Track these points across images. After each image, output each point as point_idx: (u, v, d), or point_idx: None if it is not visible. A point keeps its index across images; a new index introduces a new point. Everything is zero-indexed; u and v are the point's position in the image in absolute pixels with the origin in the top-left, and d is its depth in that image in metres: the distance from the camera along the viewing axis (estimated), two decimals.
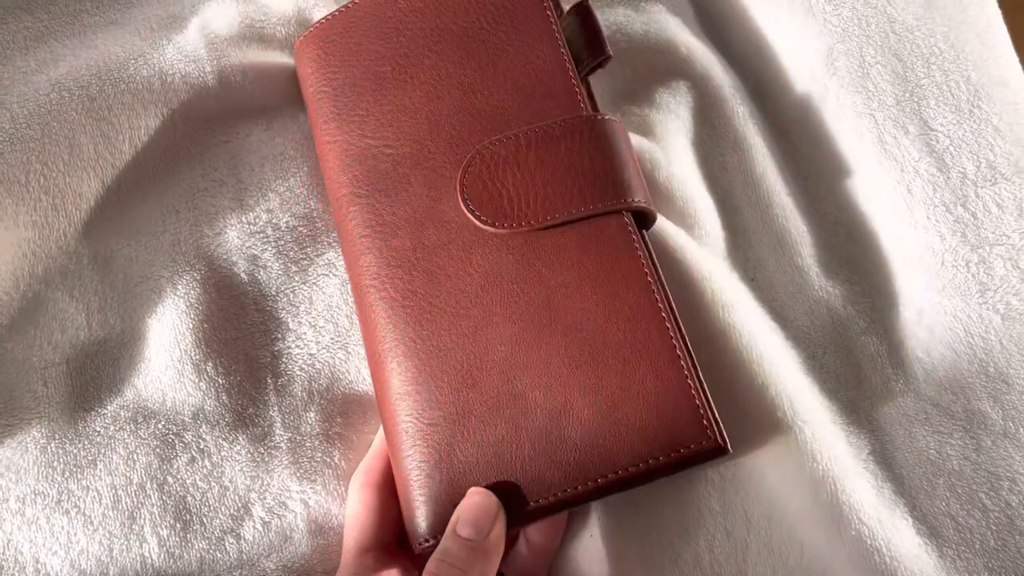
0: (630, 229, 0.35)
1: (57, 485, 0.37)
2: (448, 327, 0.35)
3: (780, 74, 0.49)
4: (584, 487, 0.32)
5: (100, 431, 0.38)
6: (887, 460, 0.39)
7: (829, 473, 0.36)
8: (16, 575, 0.36)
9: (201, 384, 0.38)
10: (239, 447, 0.38)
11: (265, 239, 0.42)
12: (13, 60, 0.44)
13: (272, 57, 0.46)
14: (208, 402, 0.38)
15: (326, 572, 0.37)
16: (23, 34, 0.45)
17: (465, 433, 0.34)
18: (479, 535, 0.31)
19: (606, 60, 0.40)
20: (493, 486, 0.33)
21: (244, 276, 0.41)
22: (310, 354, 0.40)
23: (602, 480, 0.32)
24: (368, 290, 0.37)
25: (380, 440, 0.37)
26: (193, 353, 0.39)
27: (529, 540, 0.36)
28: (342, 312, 0.41)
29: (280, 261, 0.42)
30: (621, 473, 0.32)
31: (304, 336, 0.41)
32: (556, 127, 0.37)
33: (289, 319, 0.41)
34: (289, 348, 0.40)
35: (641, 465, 0.32)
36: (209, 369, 0.39)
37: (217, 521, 0.37)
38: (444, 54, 0.39)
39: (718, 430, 0.32)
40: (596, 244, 0.35)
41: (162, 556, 0.36)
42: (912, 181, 0.43)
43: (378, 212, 0.38)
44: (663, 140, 0.45)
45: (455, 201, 0.37)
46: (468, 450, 0.33)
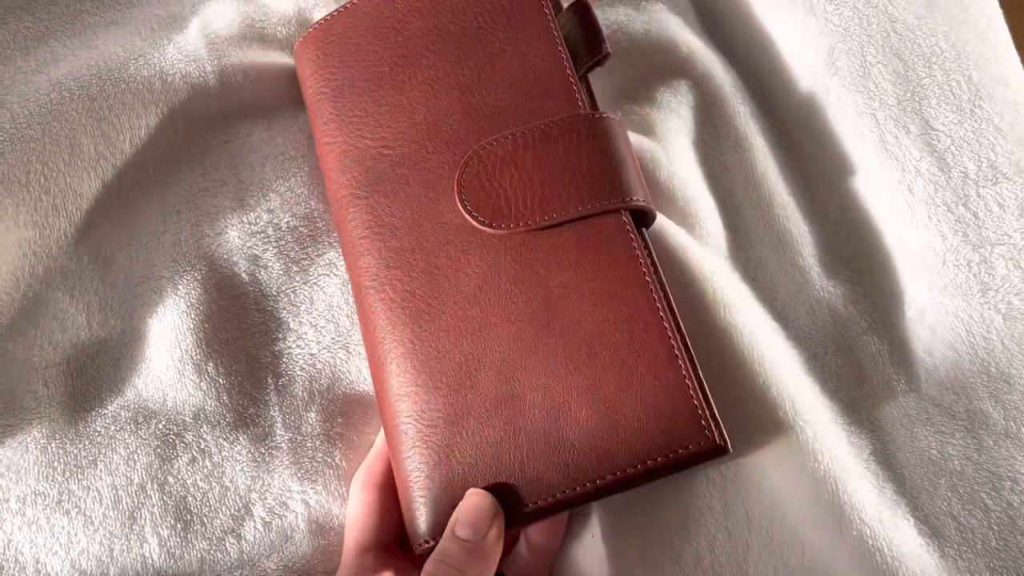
0: (628, 228, 0.35)
1: (58, 485, 0.37)
2: (447, 328, 0.35)
3: (781, 73, 0.49)
4: (583, 488, 0.32)
5: (101, 431, 0.38)
6: (888, 460, 0.39)
7: (830, 473, 0.36)
8: (16, 575, 0.36)
9: (202, 384, 0.38)
10: (240, 447, 0.38)
11: (266, 239, 0.42)
12: (14, 60, 0.44)
13: (273, 57, 0.46)
14: (209, 402, 0.38)
15: (327, 572, 0.37)
16: (24, 34, 0.45)
17: (464, 434, 0.34)
18: (476, 536, 0.31)
19: (605, 58, 0.40)
20: (492, 487, 0.33)
21: (245, 276, 0.41)
22: (311, 354, 0.40)
23: (600, 481, 0.32)
24: (367, 291, 0.37)
25: (381, 440, 0.37)
26: (194, 353, 0.39)
27: (529, 541, 0.36)
28: (343, 312, 0.41)
29: (281, 261, 0.42)
30: (619, 474, 0.32)
31: (305, 336, 0.40)
32: (553, 126, 0.36)
33: (290, 319, 0.41)
34: (290, 348, 0.40)
35: (639, 466, 0.32)
36: (210, 369, 0.39)
37: (218, 521, 0.37)
38: (442, 54, 0.39)
39: (717, 430, 0.32)
40: (594, 244, 0.35)
41: (163, 556, 0.36)
42: (913, 180, 0.43)
43: (377, 213, 0.38)
44: (664, 139, 0.45)
45: (452, 202, 0.36)
46: (467, 451, 0.33)
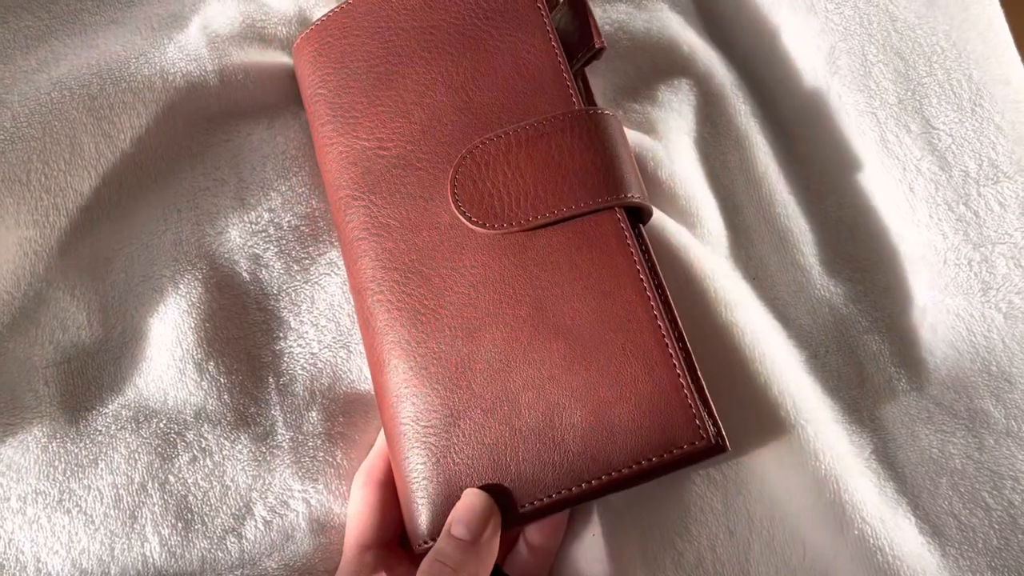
0: (623, 226, 0.34)
1: (58, 484, 0.37)
2: (443, 329, 0.35)
3: (782, 72, 0.49)
4: (579, 488, 0.32)
5: (101, 430, 0.38)
6: (889, 459, 0.39)
7: (832, 472, 0.36)
8: (17, 574, 0.36)
9: (203, 383, 0.38)
10: (241, 446, 0.38)
11: (267, 238, 0.42)
12: (14, 59, 0.44)
13: (273, 56, 0.46)
14: (210, 401, 0.38)
15: (328, 571, 0.37)
16: (24, 33, 0.45)
17: (461, 435, 0.34)
18: (472, 535, 0.31)
19: (600, 51, 0.39)
20: (489, 487, 0.33)
21: (246, 275, 0.41)
22: (312, 353, 0.40)
23: (596, 481, 0.32)
24: (365, 293, 0.37)
25: (382, 439, 0.37)
26: (195, 352, 0.39)
27: (529, 541, 0.36)
28: (344, 311, 0.41)
29: (282, 260, 0.42)
30: (615, 474, 0.32)
31: (306, 335, 0.40)
32: (547, 123, 0.36)
33: (291, 318, 0.41)
34: (291, 347, 0.40)
35: (635, 466, 0.32)
36: (211, 368, 0.39)
37: (219, 520, 0.37)
38: (437, 52, 0.39)
39: (714, 430, 0.32)
40: (588, 243, 0.34)
41: (163, 555, 0.36)
42: (914, 180, 0.43)
43: (373, 215, 0.37)
44: (665, 138, 0.45)
45: (447, 202, 0.36)
46: (464, 452, 0.33)
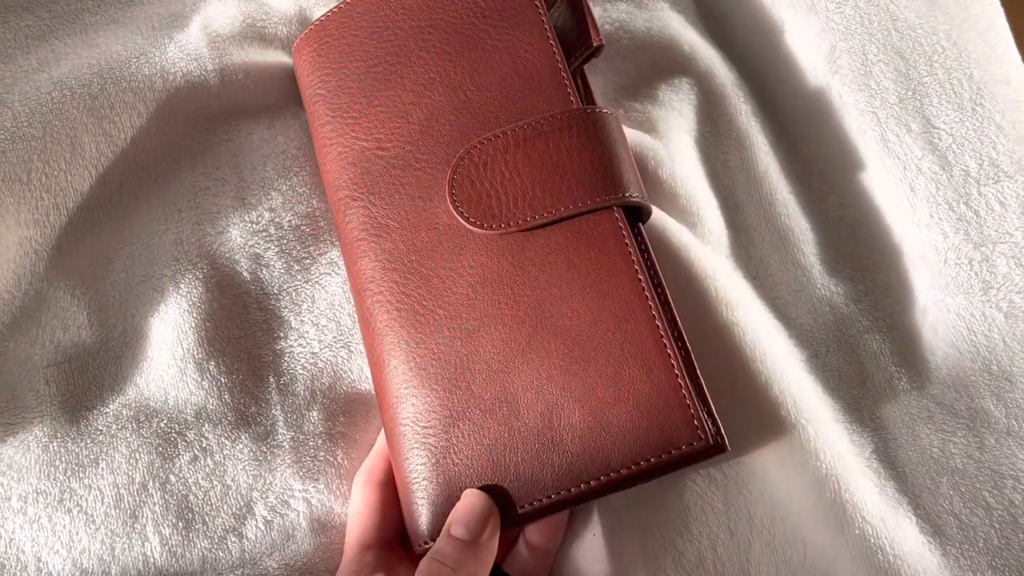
0: (621, 225, 0.34)
1: (59, 484, 0.37)
2: (442, 330, 0.35)
3: (783, 72, 0.49)
4: (578, 489, 0.32)
5: (102, 430, 0.38)
6: (890, 459, 0.39)
7: (832, 472, 0.36)
8: (18, 574, 0.36)
9: (203, 383, 0.38)
10: (241, 446, 0.38)
11: (268, 238, 0.42)
12: (15, 58, 0.44)
13: (273, 56, 0.46)
14: (210, 401, 0.38)
15: (328, 570, 0.37)
16: (24, 32, 0.45)
17: (460, 436, 0.34)
18: (471, 535, 0.31)
19: (599, 49, 0.39)
20: (488, 488, 0.33)
21: (247, 275, 0.41)
22: (312, 353, 0.40)
23: (595, 482, 0.32)
24: (365, 293, 0.37)
25: (383, 438, 0.37)
26: (195, 352, 0.39)
27: (528, 541, 0.36)
28: (344, 311, 0.41)
29: (282, 260, 0.42)
30: (614, 475, 0.32)
31: (307, 335, 0.40)
32: (544, 122, 0.36)
33: (292, 318, 0.41)
34: (292, 347, 0.40)
35: (633, 466, 0.32)
36: (211, 368, 0.39)
37: (219, 520, 0.37)
38: (435, 52, 0.39)
39: (713, 430, 0.32)
40: (586, 242, 0.34)
41: (164, 555, 0.36)
42: (915, 179, 0.43)
43: (373, 215, 0.37)
44: (666, 137, 0.45)
45: (445, 202, 0.36)
46: (464, 453, 0.33)
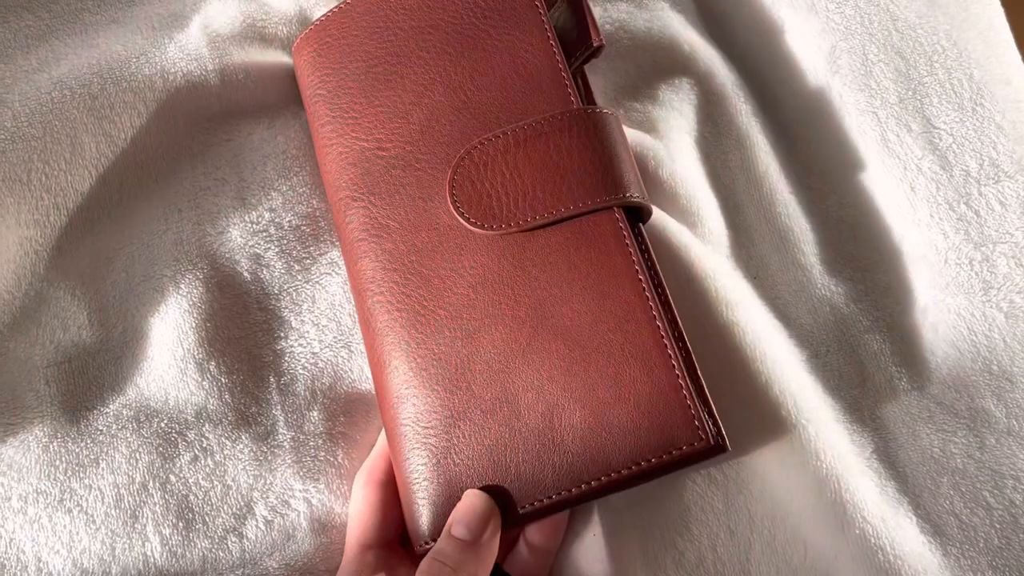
0: (621, 226, 0.34)
1: (59, 484, 0.37)
2: (442, 331, 0.35)
3: (783, 72, 0.49)
4: (579, 489, 0.32)
5: (102, 430, 0.38)
6: (891, 458, 0.39)
7: (833, 472, 0.36)
8: (18, 574, 0.36)
9: (204, 383, 0.38)
10: (242, 446, 0.38)
11: (268, 238, 0.42)
12: (15, 58, 0.44)
13: (274, 56, 0.46)
14: (211, 401, 0.38)
15: (329, 570, 0.37)
16: (25, 32, 0.45)
17: (461, 437, 0.34)
18: (471, 536, 0.31)
19: (599, 49, 0.39)
20: (489, 488, 0.33)
21: (247, 275, 0.41)
22: (313, 353, 0.40)
23: (596, 482, 0.32)
24: (366, 294, 0.37)
25: (383, 439, 0.37)
26: (196, 352, 0.39)
27: (529, 540, 0.36)
28: (345, 311, 0.41)
29: (283, 260, 0.42)
30: (614, 475, 0.32)
31: (307, 335, 0.40)
32: (545, 123, 0.36)
33: (292, 318, 0.41)
34: (292, 347, 0.40)
35: (635, 467, 0.32)
36: (212, 368, 0.39)
37: (220, 520, 0.37)
38: (435, 52, 0.39)
39: (713, 430, 0.32)
40: (586, 243, 0.34)
41: (164, 555, 0.36)
42: (915, 179, 0.43)
43: (373, 215, 0.37)
44: (666, 137, 0.45)
45: (446, 203, 0.36)
46: (465, 453, 0.33)
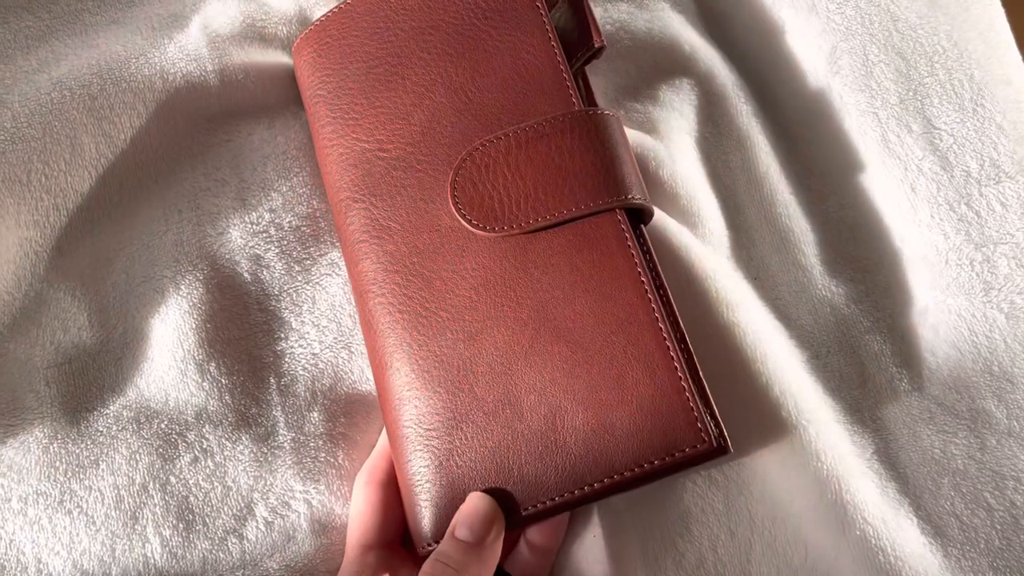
0: (623, 227, 0.34)
1: (59, 485, 0.37)
2: (445, 332, 0.35)
3: (783, 72, 0.49)
4: (581, 491, 0.32)
5: (103, 431, 0.38)
6: (891, 459, 0.39)
7: (833, 473, 0.36)
8: (19, 575, 0.36)
9: (204, 384, 0.38)
10: (242, 447, 0.38)
11: (268, 239, 0.42)
12: (15, 59, 0.44)
13: (273, 56, 0.46)
14: (211, 402, 0.38)
15: (330, 571, 0.37)
16: (24, 33, 0.45)
17: (464, 438, 0.34)
18: (475, 538, 0.31)
19: (600, 50, 0.39)
20: (492, 490, 0.33)
21: (247, 276, 0.41)
22: (313, 354, 0.40)
23: (599, 484, 0.32)
24: (367, 295, 0.37)
25: (384, 439, 0.37)
26: (196, 353, 0.39)
27: (529, 541, 0.36)
28: (345, 312, 0.41)
29: (283, 261, 0.42)
30: (617, 477, 0.32)
31: (307, 336, 0.40)
32: (546, 124, 0.36)
33: (292, 319, 0.41)
34: (292, 348, 0.40)
35: (637, 469, 0.32)
36: (212, 369, 0.39)
37: (220, 521, 0.37)
38: (436, 53, 0.39)
39: (716, 432, 0.32)
40: (589, 245, 0.34)
41: (165, 556, 0.36)
42: (916, 180, 0.43)
43: (374, 217, 0.37)
44: (666, 138, 0.45)
45: (447, 205, 0.36)
46: (467, 455, 0.33)
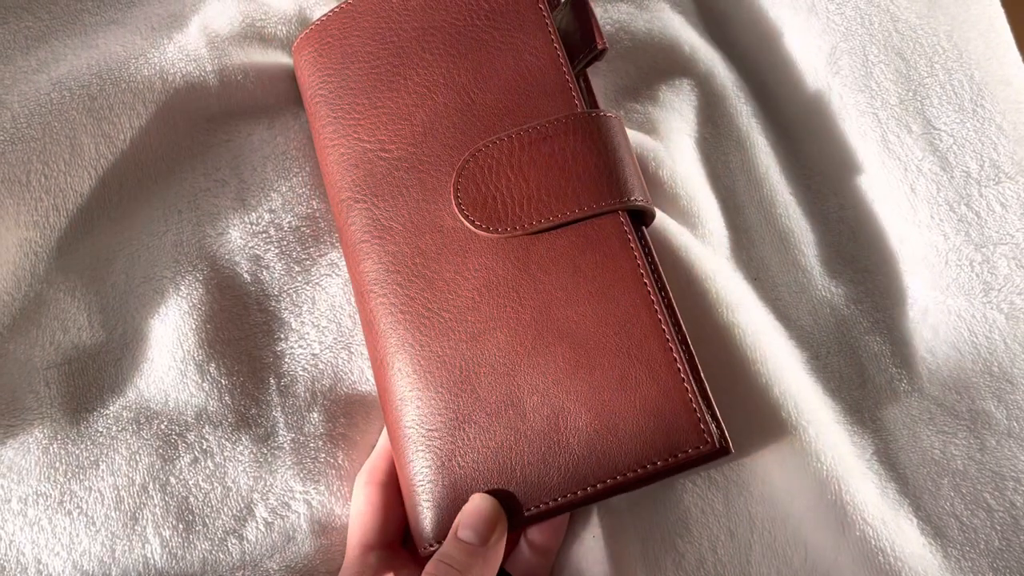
0: (626, 229, 0.34)
1: (59, 486, 0.37)
2: (447, 333, 0.35)
3: (783, 73, 0.49)
4: (583, 492, 0.32)
5: (102, 431, 0.38)
6: (891, 460, 0.39)
7: (833, 473, 0.36)
8: None
9: (204, 385, 0.38)
10: (242, 448, 0.38)
11: (268, 239, 0.42)
12: (14, 59, 0.44)
13: (273, 56, 0.46)
14: (211, 403, 0.38)
15: (330, 572, 0.37)
16: (24, 33, 0.45)
17: (466, 439, 0.34)
18: (478, 539, 0.31)
19: (602, 52, 0.39)
20: (494, 491, 0.33)
21: (247, 276, 0.41)
22: (313, 354, 0.40)
23: (601, 485, 0.32)
24: (368, 296, 0.37)
25: (385, 439, 0.37)
26: (196, 353, 0.39)
27: (530, 541, 0.36)
28: (345, 312, 0.41)
29: (283, 261, 0.41)
30: (619, 478, 0.32)
31: (307, 336, 0.40)
32: (549, 126, 0.36)
33: (292, 319, 0.41)
34: (292, 348, 0.40)
35: (639, 470, 0.32)
36: (212, 370, 0.39)
37: (220, 522, 0.37)
38: (438, 53, 0.39)
39: (717, 433, 0.32)
40: (591, 246, 0.34)
41: (164, 557, 0.36)
42: (916, 180, 0.43)
43: (376, 217, 0.37)
44: (666, 138, 0.45)
45: (450, 205, 0.36)
46: (469, 456, 0.33)
